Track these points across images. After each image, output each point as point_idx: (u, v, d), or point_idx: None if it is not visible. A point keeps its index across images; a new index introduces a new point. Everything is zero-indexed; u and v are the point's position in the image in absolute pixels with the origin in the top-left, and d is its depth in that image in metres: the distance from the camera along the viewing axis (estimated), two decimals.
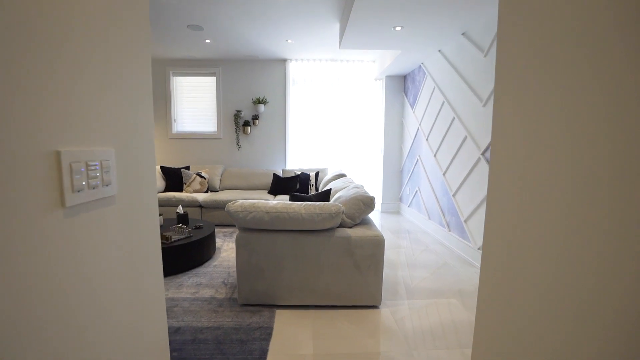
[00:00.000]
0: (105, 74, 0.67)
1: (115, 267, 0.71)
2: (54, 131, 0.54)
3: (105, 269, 0.67)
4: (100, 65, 0.65)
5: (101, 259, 0.66)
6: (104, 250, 0.67)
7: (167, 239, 2.67)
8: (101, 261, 0.66)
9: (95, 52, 0.64)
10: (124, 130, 0.75)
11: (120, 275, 0.72)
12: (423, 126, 4.25)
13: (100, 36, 0.65)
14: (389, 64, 4.38)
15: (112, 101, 0.70)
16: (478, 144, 2.90)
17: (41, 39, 0.51)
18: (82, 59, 0.60)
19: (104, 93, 0.67)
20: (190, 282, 2.52)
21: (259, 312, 2.07)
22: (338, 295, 2.10)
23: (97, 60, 0.64)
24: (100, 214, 0.67)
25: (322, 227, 2.01)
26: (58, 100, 0.55)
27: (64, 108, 0.56)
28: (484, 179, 2.81)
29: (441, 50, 3.69)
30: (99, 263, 0.66)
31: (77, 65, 0.59)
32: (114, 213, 0.71)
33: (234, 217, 2.02)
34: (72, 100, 0.58)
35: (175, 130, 5.34)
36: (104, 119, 0.67)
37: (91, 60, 0.62)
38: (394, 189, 5.27)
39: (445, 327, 1.94)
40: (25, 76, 0.48)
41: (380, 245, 2.05)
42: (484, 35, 2.82)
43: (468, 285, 2.53)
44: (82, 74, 0.60)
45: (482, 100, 2.84)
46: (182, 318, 2.00)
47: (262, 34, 4.01)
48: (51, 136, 0.53)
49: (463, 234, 3.18)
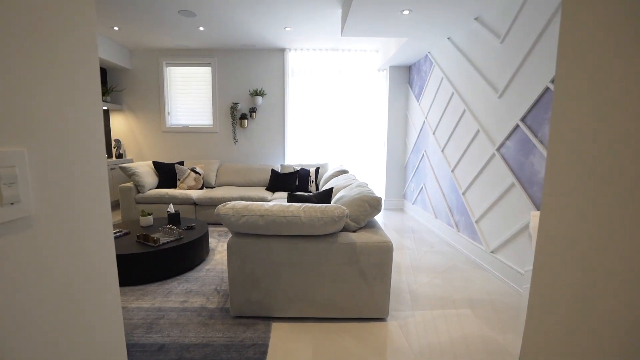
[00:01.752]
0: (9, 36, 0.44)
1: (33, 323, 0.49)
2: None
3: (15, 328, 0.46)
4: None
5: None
6: (11, 305, 0.46)
7: (155, 242, 2.47)
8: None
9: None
10: (48, 121, 0.52)
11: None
12: (429, 119, 4.02)
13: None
14: (393, 54, 4.13)
15: (24, 78, 0.47)
16: (492, 138, 2.68)
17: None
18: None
19: (9, 65, 0.45)
20: (179, 289, 2.32)
21: (254, 326, 1.87)
22: (341, 306, 1.90)
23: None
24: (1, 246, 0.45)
25: (323, 232, 1.80)
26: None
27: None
28: (498, 177, 2.59)
29: (450, 38, 3.43)
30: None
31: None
32: (28, 242, 0.49)
33: (225, 221, 1.80)
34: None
35: (169, 124, 5.11)
36: (6, 104, 0.45)
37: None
38: (397, 185, 5.06)
39: (458, 343, 1.74)
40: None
41: (388, 252, 1.85)
42: (500, 19, 2.57)
43: (481, 292, 2.33)
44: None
45: (497, 90, 2.61)
46: (168, 332, 1.80)
47: (258, 21, 3.75)
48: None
49: (474, 235, 2.97)
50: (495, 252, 2.64)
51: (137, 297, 2.19)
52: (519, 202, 2.35)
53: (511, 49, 2.43)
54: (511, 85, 2.43)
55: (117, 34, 4.24)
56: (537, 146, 2.16)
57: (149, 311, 2.02)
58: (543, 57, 2.10)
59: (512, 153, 2.43)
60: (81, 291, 0.60)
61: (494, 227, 2.67)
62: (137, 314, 1.98)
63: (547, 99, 2.07)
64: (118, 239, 2.60)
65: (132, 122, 5.09)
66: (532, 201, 2.20)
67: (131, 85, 5.02)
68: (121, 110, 5.07)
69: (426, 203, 4.15)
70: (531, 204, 2.21)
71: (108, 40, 4.44)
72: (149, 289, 2.31)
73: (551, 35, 2.04)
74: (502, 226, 2.55)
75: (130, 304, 2.10)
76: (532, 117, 2.21)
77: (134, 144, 5.15)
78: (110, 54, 4.48)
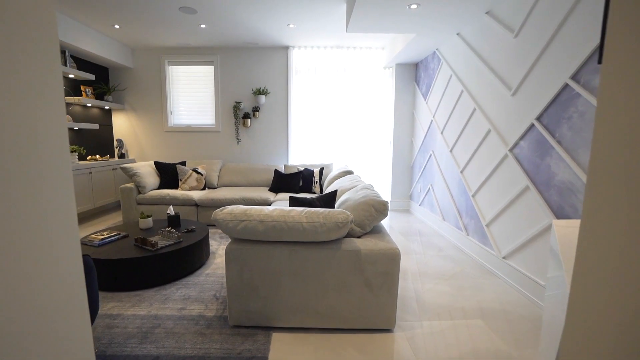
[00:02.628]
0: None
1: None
2: None
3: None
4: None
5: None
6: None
7: (153, 246, 2.39)
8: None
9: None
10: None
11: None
12: (437, 118, 3.89)
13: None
14: (399, 51, 4.00)
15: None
16: (505, 138, 2.55)
17: None
18: None
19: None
20: (177, 295, 2.23)
21: (253, 336, 1.78)
22: (345, 317, 1.80)
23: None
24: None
25: (326, 238, 1.70)
26: None
27: None
28: (510, 179, 2.47)
29: (460, 33, 3.30)
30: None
31: None
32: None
33: (223, 226, 1.71)
34: None
35: (171, 124, 5.04)
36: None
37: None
38: (403, 186, 4.93)
39: (469, 358, 1.63)
40: None
41: (395, 260, 1.74)
42: (514, 11, 2.44)
43: (493, 301, 2.21)
44: None
45: (510, 88, 2.47)
46: (163, 343, 1.71)
47: (261, 17, 3.65)
48: None
49: (484, 239, 2.84)
50: (507, 258, 2.51)
51: (133, 304, 2.11)
52: (533, 207, 2.22)
53: (526, 44, 2.30)
54: (526, 82, 2.30)
55: (118, 32, 4.17)
56: (554, 147, 2.03)
57: (145, 319, 1.94)
58: (562, 52, 1.97)
59: (526, 154, 2.30)
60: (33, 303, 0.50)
61: (505, 231, 2.54)
62: (133, 322, 1.90)
63: (566, 96, 1.94)
64: (115, 243, 2.52)
65: (135, 121, 5.04)
66: (549, 206, 2.08)
67: (133, 85, 4.97)
68: (123, 110, 5.02)
69: (433, 205, 4.02)
70: (547, 208, 2.08)
71: (109, 39, 4.38)
72: (146, 295, 2.23)
73: (571, 28, 1.90)
74: (514, 231, 2.42)
75: (126, 311, 2.02)
76: (549, 116, 2.08)
77: (136, 143, 5.10)
78: (112, 53, 4.43)
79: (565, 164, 1.94)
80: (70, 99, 4.10)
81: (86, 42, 3.97)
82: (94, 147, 4.66)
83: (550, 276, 1.13)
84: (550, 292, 1.12)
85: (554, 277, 1.07)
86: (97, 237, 2.53)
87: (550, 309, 1.09)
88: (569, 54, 1.91)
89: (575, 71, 1.86)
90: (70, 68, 3.90)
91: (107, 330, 1.82)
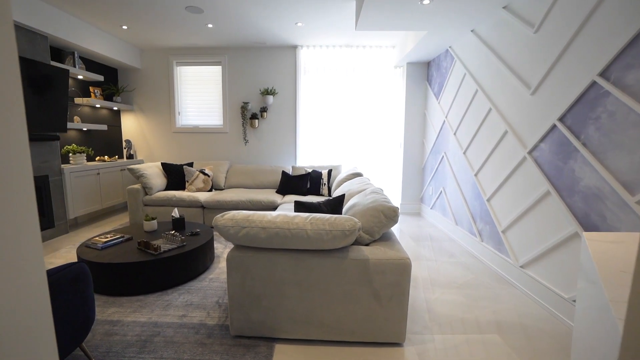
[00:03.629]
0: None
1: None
2: None
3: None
4: None
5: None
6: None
7: (156, 249, 2.34)
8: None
9: None
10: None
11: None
12: (450, 119, 3.74)
13: None
14: (411, 49, 3.87)
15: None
16: (523, 140, 2.40)
17: None
18: None
19: None
20: (179, 301, 2.17)
21: (255, 347, 1.69)
22: (352, 329, 1.70)
23: None
24: None
25: (332, 246, 1.60)
26: None
27: None
28: (529, 183, 2.32)
29: (474, 30, 3.16)
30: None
31: None
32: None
33: (224, 233, 1.63)
34: None
35: (179, 124, 5.03)
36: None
37: None
38: (414, 189, 4.79)
39: None
40: None
41: (406, 270, 1.63)
42: (534, 5, 2.29)
43: (510, 314, 2.07)
44: None
45: (529, 87, 2.33)
46: (162, 353, 1.65)
47: (268, 16, 3.58)
48: None
49: (500, 246, 2.70)
50: (525, 267, 2.36)
51: (134, 310, 2.06)
52: (555, 213, 2.07)
53: (547, 40, 2.15)
54: (547, 81, 2.15)
55: (126, 33, 4.17)
56: (579, 150, 1.88)
57: (145, 326, 1.88)
58: (588, 47, 1.82)
59: (547, 157, 2.15)
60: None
61: (523, 238, 2.39)
62: (132, 330, 1.84)
63: (594, 95, 1.79)
64: (118, 246, 2.48)
65: (143, 122, 5.04)
66: (573, 213, 1.93)
67: (142, 85, 4.97)
68: (132, 111, 5.03)
69: (445, 208, 3.87)
70: (571, 216, 1.93)
71: (118, 39, 4.38)
72: (148, 300, 2.18)
73: (600, 20, 1.75)
74: (533, 238, 2.28)
75: (126, 317, 1.97)
76: (573, 116, 1.93)
77: (144, 144, 5.10)
78: (120, 54, 4.43)
79: (592, 168, 1.79)
80: (79, 100, 4.11)
81: (95, 43, 3.97)
82: (102, 148, 4.68)
83: (583, 293, 1.02)
84: (583, 311, 0.99)
85: (588, 294, 0.96)
86: (100, 240, 2.49)
87: (582, 327, 0.97)
88: (597, 49, 1.76)
89: (604, 67, 1.71)
90: (79, 69, 3.91)
91: (105, 337, 1.77)
